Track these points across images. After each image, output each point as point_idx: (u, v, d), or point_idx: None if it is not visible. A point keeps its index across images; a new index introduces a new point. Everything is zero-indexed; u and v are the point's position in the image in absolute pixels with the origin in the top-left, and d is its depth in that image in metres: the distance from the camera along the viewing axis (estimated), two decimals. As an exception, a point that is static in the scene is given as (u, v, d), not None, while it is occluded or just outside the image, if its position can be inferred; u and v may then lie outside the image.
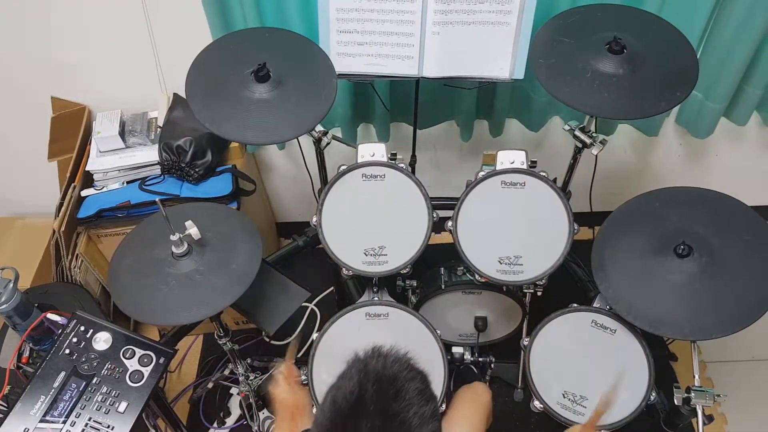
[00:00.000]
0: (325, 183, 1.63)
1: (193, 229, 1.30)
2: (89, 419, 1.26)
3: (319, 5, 1.49)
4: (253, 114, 1.37)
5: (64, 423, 1.25)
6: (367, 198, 1.50)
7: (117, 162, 1.86)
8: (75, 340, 1.36)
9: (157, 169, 1.87)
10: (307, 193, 1.99)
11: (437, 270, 1.83)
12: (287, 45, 1.49)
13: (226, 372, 1.91)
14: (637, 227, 1.41)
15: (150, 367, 1.34)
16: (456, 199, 1.49)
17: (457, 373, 1.94)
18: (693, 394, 1.33)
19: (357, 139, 2.03)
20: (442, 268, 1.82)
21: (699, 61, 1.40)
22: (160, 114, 1.91)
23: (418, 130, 1.85)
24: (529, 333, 1.47)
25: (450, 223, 1.48)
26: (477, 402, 1.46)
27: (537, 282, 1.50)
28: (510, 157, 1.48)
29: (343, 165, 1.49)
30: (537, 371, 1.43)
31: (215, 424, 2.01)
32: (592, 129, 1.55)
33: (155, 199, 1.75)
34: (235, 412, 2.04)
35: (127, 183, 1.87)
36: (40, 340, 1.48)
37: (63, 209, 1.79)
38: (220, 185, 1.86)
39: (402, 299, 1.66)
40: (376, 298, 1.57)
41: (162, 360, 1.35)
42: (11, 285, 1.41)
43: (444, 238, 1.53)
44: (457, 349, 1.73)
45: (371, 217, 1.50)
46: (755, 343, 2.10)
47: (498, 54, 1.53)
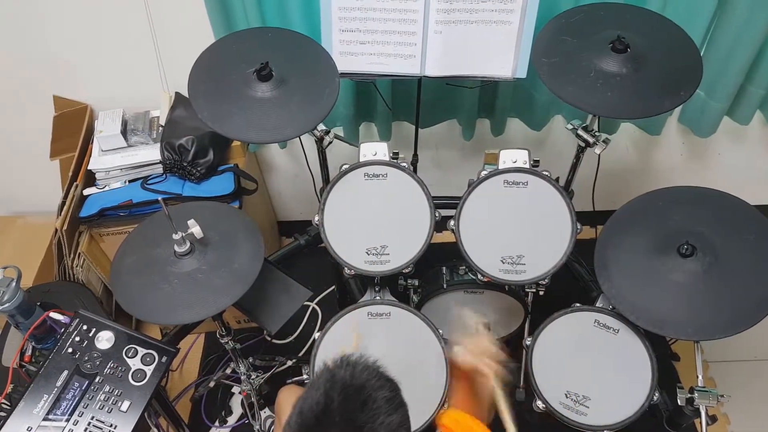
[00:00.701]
0: (327, 182, 1.63)
1: (195, 228, 1.30)
2: (92, 418, 1.26)
3: (321, 4, 1.50)
4: (255, 113, 1.37)
5: (67, 422, 1.25)
6: (369, 197, 1.49)
7: (119, 161, 1.86)
8: (77, 339, 1.36)
9: (159, 168, 1.87)
10: (308, 192, 1.99)
11: (439, 269, 1.82)
12: (290, 44, 1.49)
13: (228, 371, 1.91)
14: (640, 226, 1.41)
15: (152, 366, 1.34)
16: (458, 198, 1.49)
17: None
18: (696, 395, 1.33)
19: (359, 138, 2.03)
20: (444, 268, 1.82)
21: (702, 59, 1.40)
22: (162, 113, 1.92)
23: (420, 129, 1.85)
24: (531, 333, 1.47)
25: (452, 222, 1.48)
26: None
27: (539, 281, 1.50)
28: (512, 156, 1.47)
29: (345, 164, 1.49)
30: (539, 371, 1.43)
31: (217, 423, 2.01)
32: (595, 128, 1.55)
33: (157, 198, 1.77)
34: (237, 411, 2.04)
35: (129, 182, 1.87)
36: (42, 338, 1.48)
37: (65, 208, 1.80)
38: (222, 184, 1.86)
39: (404, 299, 1.66)
40: (378, 298, 1.57)
41: (164, 359, 1.35)
42: (14, 284, 1.41)
43: (446, 238, 1.53)
44: (459, 349, 1.73)
45: (373, 216, 1.50)
46: (759, 343, 2.09)
47: (500, 53, 1.53)
